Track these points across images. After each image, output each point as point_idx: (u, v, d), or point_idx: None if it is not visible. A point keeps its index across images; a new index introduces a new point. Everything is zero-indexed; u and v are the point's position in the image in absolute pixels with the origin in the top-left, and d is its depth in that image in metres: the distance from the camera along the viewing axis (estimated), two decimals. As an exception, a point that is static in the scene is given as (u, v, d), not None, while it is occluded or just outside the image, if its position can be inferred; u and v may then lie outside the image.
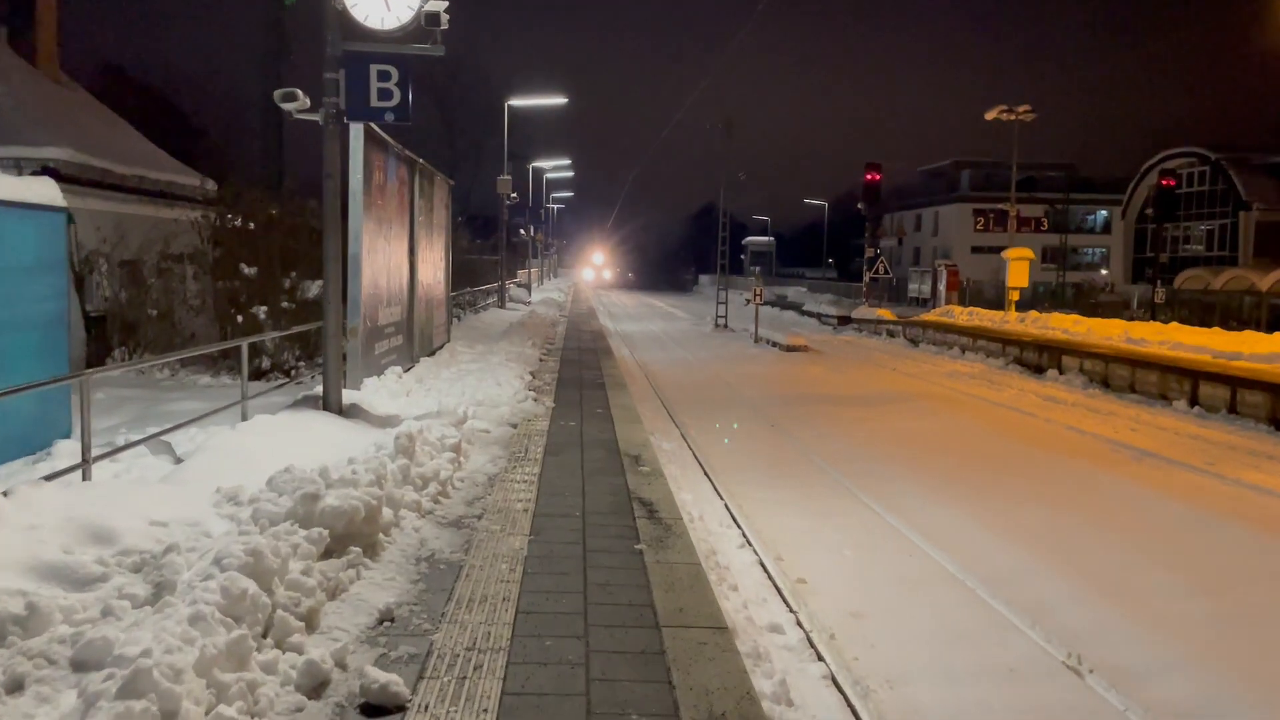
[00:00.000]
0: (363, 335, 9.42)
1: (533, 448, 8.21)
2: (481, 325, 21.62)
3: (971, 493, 10.53)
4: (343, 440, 6.77)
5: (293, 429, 6.80)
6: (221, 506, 4.88)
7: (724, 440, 13.37)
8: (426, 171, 13.78)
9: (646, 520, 6.03)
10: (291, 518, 4.51)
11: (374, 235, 10.07)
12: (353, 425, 7.50)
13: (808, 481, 11.07)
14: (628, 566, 5.07)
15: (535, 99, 28.59)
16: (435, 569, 4.87)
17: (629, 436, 9.22)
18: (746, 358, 25.42)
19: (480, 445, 8.02)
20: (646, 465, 7.86)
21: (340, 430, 7.18)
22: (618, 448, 8.52)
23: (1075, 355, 19.82)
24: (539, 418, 9.89)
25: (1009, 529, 9.17)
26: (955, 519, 9.47)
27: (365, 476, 5.26)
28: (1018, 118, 29.70)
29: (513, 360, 13.43)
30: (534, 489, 6.60)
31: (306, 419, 7.27)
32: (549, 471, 7.20)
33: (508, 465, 7.41)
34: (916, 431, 14.46)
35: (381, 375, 9.77)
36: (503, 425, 9.00)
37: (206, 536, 4.35)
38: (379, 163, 10.28)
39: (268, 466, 5.43)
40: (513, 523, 5.76)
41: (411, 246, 12.56)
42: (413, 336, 12.72)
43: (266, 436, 6.41)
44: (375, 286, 10.17)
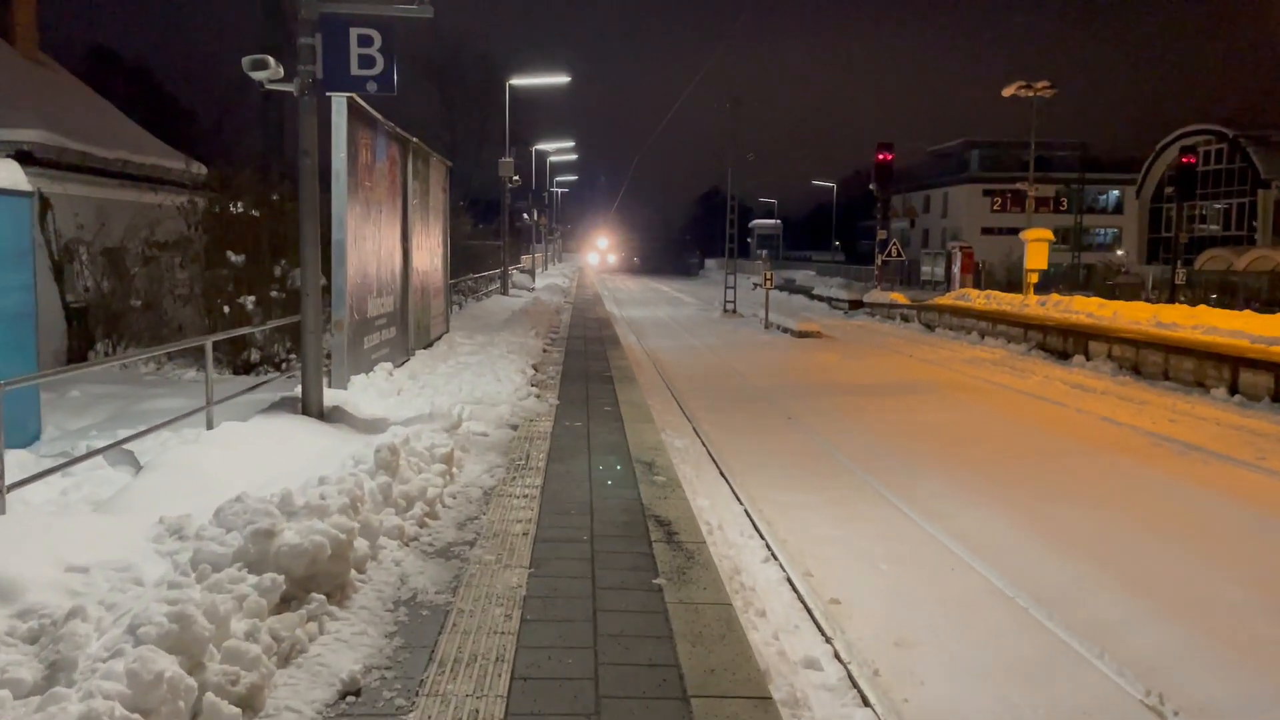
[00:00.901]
0: (349, 329, 8.64)
1: (535, 454, 7.43)
2: (483, 313, 20.83)
3: (1009, 493, 9.75)
4: (320, 451, 6.01)
5: (264, 438, 6.04)
6: (163, 542, 4.11)
7: (739, 436, 12.59)
8: (421, 151, 12.95)
9: (665, 545, 5.25)
10: (240, 560, 3.74)
11: (361, 220, 9.28)
12: (334, 432, 6.73)
13: (831, 481, 10.30)
14: (646, 609, 4.30)
15: (537, 78, 27.69)
16: (416, 616, 4.09)
17: (640, 439, 8.44)
18: (757, 344, 24.62)
19: (476, 452, 7.25)
20: (661, 474, 7.08)
21: (319, 438, 6.41)
22: (628, 452, 7.74)
23: (1103, 340, 18.98)
24: (542, 417, 9.11)
25: (1056, 536, 8.38)
26: (995, 524, 8.69)
27: (337, 500, 4.49)
28: (1036, 94, 28.72)
29: (514, 352, 12.63)
30: (535, 506, 5.82)
31: (281, 425, 6.50)
32: (553, 483, 6.42)
33: (506, 476, 6.63)
34: (941, 423, 13.67)
35: (371, 372, 8.99)
36: (502, 427, 8.23)
37: (136, 585, 3.59)
38: (366, 141, 9.48)
39: (227, 487, 4.66)
40: (510, 550, 4.98)
41: (405, 232, 11.76)
42: (407, 328, 11.94)
43: (231, 449, 5.65)
44: (363, 275, 9.39)
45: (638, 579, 4.74)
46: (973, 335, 24.67)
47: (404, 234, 11.72)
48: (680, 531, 5.48)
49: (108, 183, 16.26)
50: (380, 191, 10.24)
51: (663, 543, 5.27)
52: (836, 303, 38.11)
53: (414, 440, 5.99)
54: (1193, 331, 18.27)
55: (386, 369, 9.15)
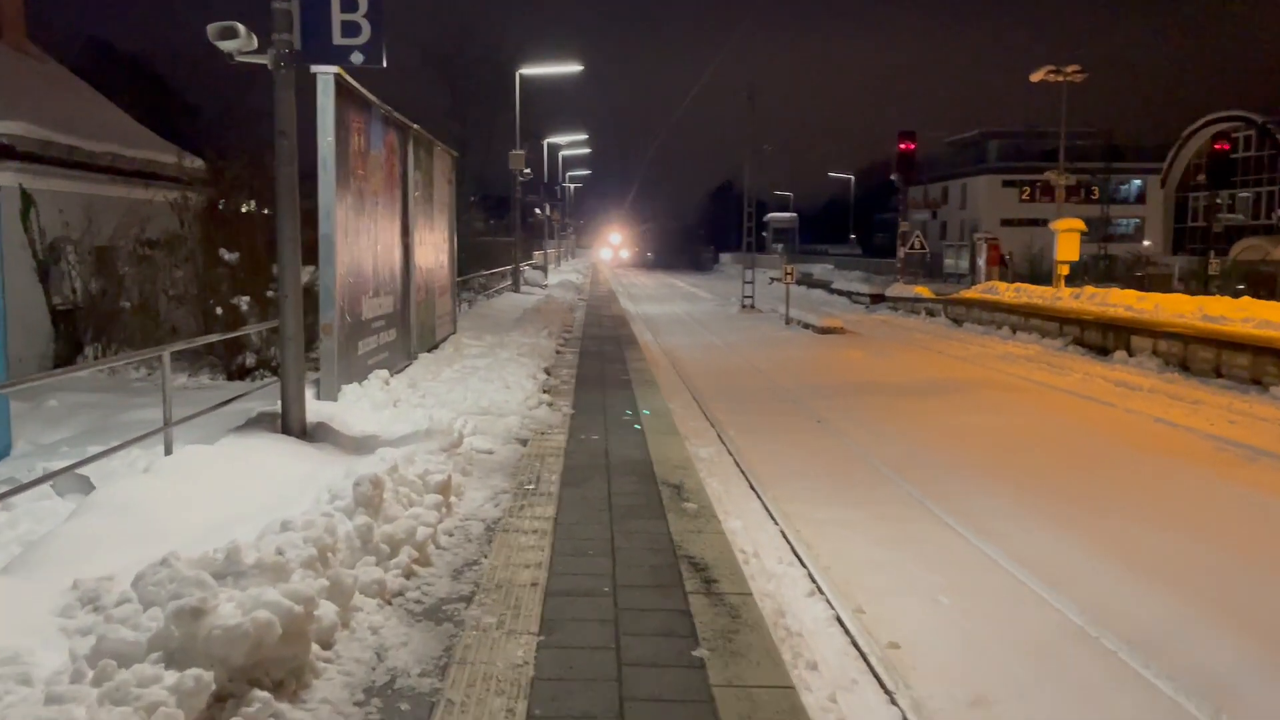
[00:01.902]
0: (339, 333, 7.78)
1: (546, 475, 6.54)
2: (493, 312, 19.96)
3: (1071, 508, 8.82)
4: (295, 479, 5.15)
5: (229, 465, 5.19)
6: (73, 616, 3.25)
7: (767, 442, 11.68)
8: (423, 140, 12.07)
9: (703, 598, 4.34)
10: (159, 649, 2.88)
11: (354, 212, 8.41)
12: (315, 454, 5.86)
13: (872, 494, 9.39)
14: (686, 696, 3.38)
15: (548, 67, 26.80)
16: (392, 711, 3.18)
17: (665, 454, 7.53)
18: (779, 341, 23.68)
19: (480, 474, 6.37)
20: (691, 499, 6.17)
21: (296, 462, 5.55)
22: (653, 472, 6.84)
23: (1147, 335, 17.96)
24: (555, 430, 8.21)
25: (1134, 561, 7.44)
26: (1062, 546, 7.76)
27: (301, 553, 3.63)
28: (1066, 79, 27.61)
29: (525, 355, 11.75)
30: (547, 545, 4.90)
31: (254, 447, 5.65)
32: (567, 513, 5.53)
33: (513, 504, 5.75)
34: (983, 427, 12.72)
35: (365, 381, 8.12)
36: (510, 442, 7.36)
37: (23, 686, 2.73)
38: (358, 125, 8.60)
39: (173, 532, 3.80)
40: (515, 609, 4.07)
41: (405, 226, 10.89)
42: (409, 330, 11.08)
43: (189, 480, 4.80)
44: (357, 274, 8.53)
45: (673, 650, 3.83)
46: (1004, 330, 23.67)
47: (404, 228, 10.85)
48: (720, 578, 4.58)
49: (97, 178, 15.48)
50: (376, 182, 9.37)
51: (700, 594, 4.37)
52: (857, 297, 37.11)
53: (404, 467, 5.11)
54: (1243, 325, 17.23)
55: (382, 377, 8.28)
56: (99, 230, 14.78)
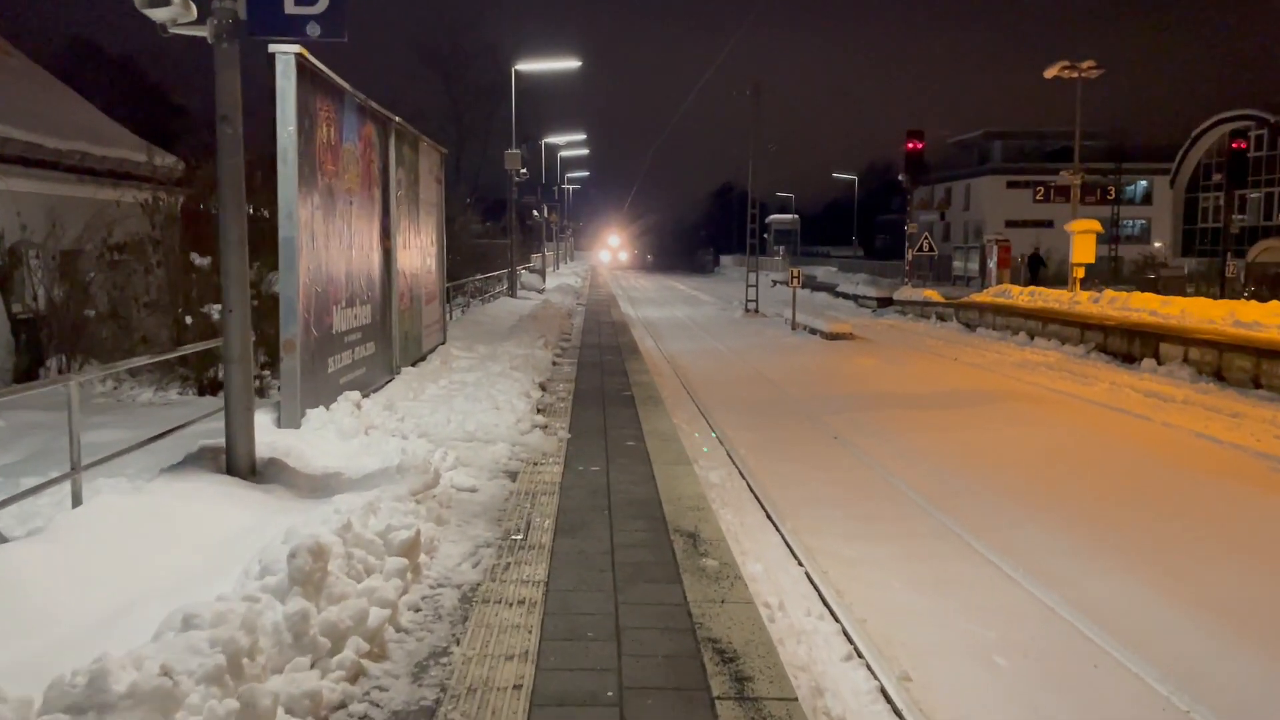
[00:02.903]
0: (304, 349, 6.83)
1: (538, 521, 5.57)
2: (487, 319, 18.98)
3: (1129, 542, 7.88)
4: (229, 539, 4.21)
5: (152, 521, 4.24)
6: None
7: (781, 462, 10.74)
8: (406, 134, 11.12)
9: (734, 705, 3.36)
10: None
11: (322, 212, 7.47)
12: (262, 500, 4.91)
13: (903, 526, 8.45)
14: None
15: (545, 63, 25.85)
16: None
17: (676, 489, 6.56)
18: (786, 348, 22.73)
19: (459, 521, 5.41)
20: (711, 553, 5.18)
21: (235, 514, 4.60)
22: (662, 513, 5.87)
23: (1177, 342, 17.01)
24: (549, 459, 7.24)
25: (1215, 609, 6.50)
26: (1129, 590, 6.82)
27: (204, 662, 2.69)
28: (1081, 75, 26.67)
29: (519, 367, 10.79)
30: (536, 623, 3.90)
31: (186, 494, 4.70)
32: (561, 575, 4.55)
33: (497, 562, 4.77)
34: (1013, 444, 11.78)
35: (334, 404, 7.16)
36: (497, 477, 6.40)
37: None
38: (327, 114, 7.65)
39: (48, 624, 2.85)
40: (492, 731, 3.10)
41: (386, 228, 9.94)
42: (390, 342, 10.12)
43: (92, 543, 3.85)
44: (325, 281, 7.58)
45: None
46: (1020, 336, 22.73)
47: (384, 230, 9.90)
48: (755, 674, 3.60)
49: (65, 178, 14.52)
50: (350, 178, 8.42)
51: (731, 700, 3.37)
52: (863, 300, 36.16)
53: (362, 522, 4.15)
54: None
55: (353, 400, 7.30)
56: (64, 233, 13.82)
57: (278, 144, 6.60)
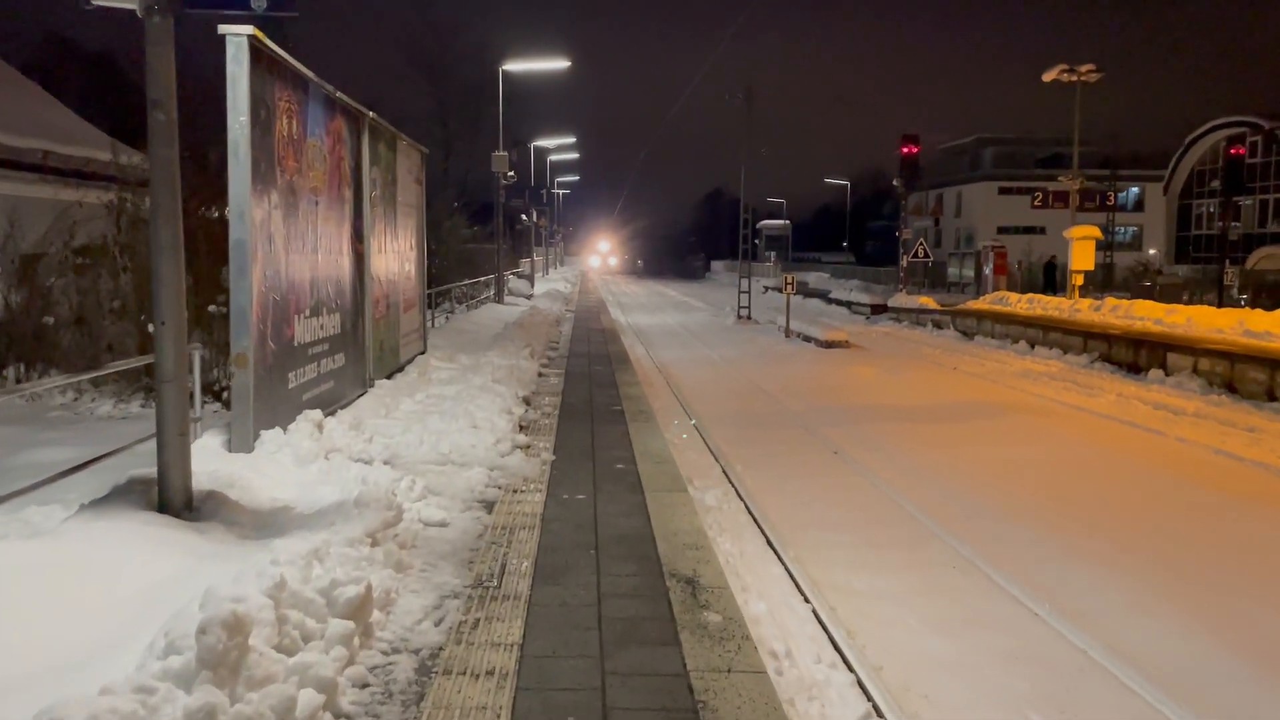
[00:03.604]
0: (259, 363, 6.15)
1: (514, 563, 4.86)
2: (471, 327, 18.27)
3: (1166, 576, 7.26)
4: (144, 597, 3.53)
5: (55, 571, 3.55)
6: None
7: (780, 480, 10.10)
8: (383, 131, 10.44)
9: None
10: None
11: (281, 212, 6.79)
12: (193, 545, 4.21)
13: (915, 554, 7.82)
14: None
15: (533, 63, 25.20)
16: None
17: (671, 523, 5.86)
18: (781, 356, 22.10)
19: (424, 565, 4.72)
20: (714, 606, 4.44)
21: (159, 562, 3.90)
22: (656, 553, 5.16)
23: (1186, 352, 16.44)
24: (530, 486, 6.53)
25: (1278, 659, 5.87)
26: (1172, 634, 6.20)
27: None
28: (1080, 78, 26.17)
29: (502, 380, 10.11)
30: (506, 701, 3.14)
31: (103, 537, 4.01)
32: (539, 637, 3.84)
33: (464, 618, 4.04)
34: (1025, 462, 11.17)
35: (292, 424, 6.46)
36: (471, 507, 5.73)
37: None
38: (288, 105, 6.97)
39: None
40: None
41: (358, 231, 9.26)
42: (363, 353, 9.43)
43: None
44: (286, 288, 6.90)
45: None
46: (1020, 344, 22.15)
47: (356, 233, 9.21)
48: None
49: (25, 177, 13.82)
50: (316, 176, 7.74)
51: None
52: (857, 307, 35.61)
53: (303, 577, 3.46)
54: (1294, 342, 15.75)
55: (313, 420, 6.60)
56: (24, 236, 13.11)
57: (228, 136, 5.93)
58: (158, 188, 4.59)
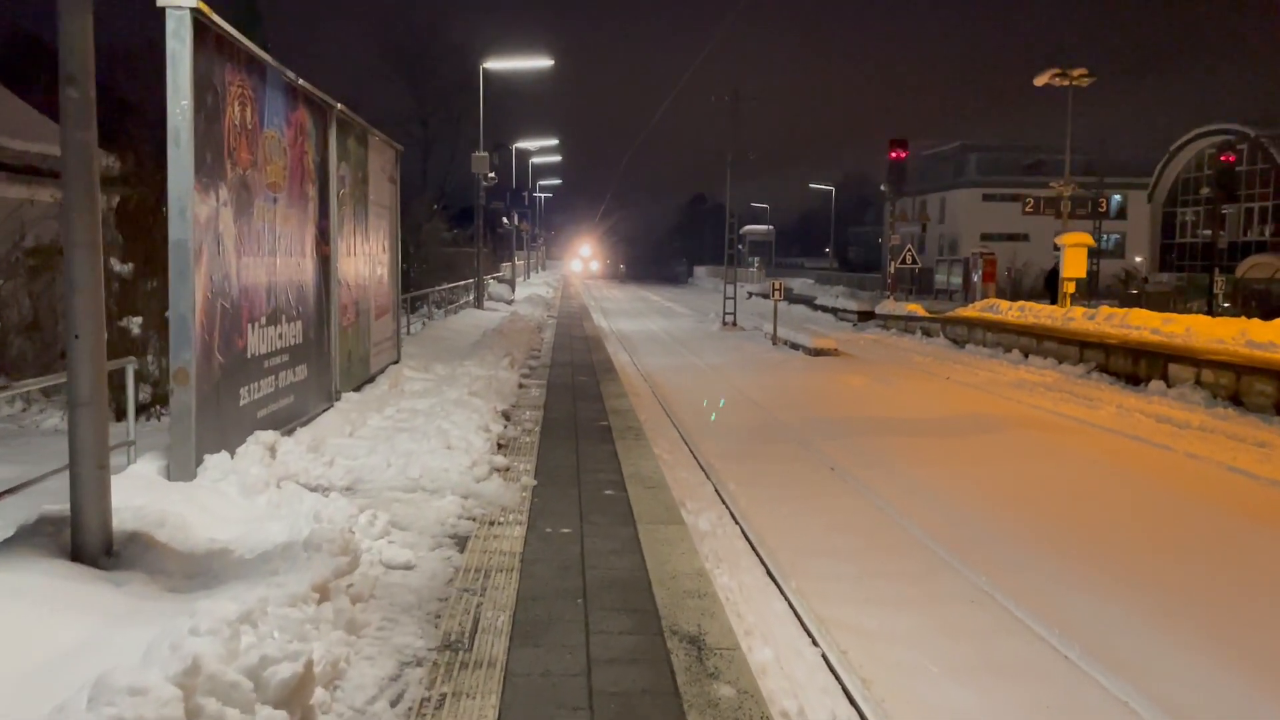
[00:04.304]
0: (203, 379, 5.45)
1: (489, 617, 4.14)
2: (449, 334, 17.54)
3: (1201, 612, 6.71)
4: (40, 674, 2.84)
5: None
6: None
7: (777, 502, 9.47)
8: (352, 125, 9.74)
9: None
10: None
11: (233, 209, 6.10)
12: (108, 601, 3.50)
13: (928, 587, 7.22)
14: None
15: (515, 61, 24.51)
16: None
17: (669, 562, 5.14)
18: (769, 364, 21.50)
19: (382, 621, 4.02)
20: (724, 672, 3.71)
21: (63, 627, 3.20)
22: (653, 603, 4.45)
23: (1188, 363, 15.95)
24: (508, 517, 5.81)
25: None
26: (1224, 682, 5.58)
27: None
28: (1072, 83, 25.75)
29: (479, 392, 9.42)
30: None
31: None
32: (516, 717, 3.19)
33: (426, 696, 3.31)
34: (1033, 481, 10.60)
35: (242, 447, 5.76)
36: (441, 545, 5.05)
37: None
38: (242, 91, 6.28)
39: None
40: None
41: (324, 231, 8.56)
42: (328, 364, 8.72)
43: None
44: (238, 294, 6.21)
45: None
46: (1013, 353, 21.64)
47: (322, 234, 8.51)
48: None
49: (-27, 174, 13.00)
50: (275, 171, 7.05)
51: None
52: (843, 314, 35.09)
53: (221, 659, 2.78)
54: (1300, 353, 15.28)
55: (265, 443, 5.88)
56: (-31, 236, 12.30)
57: (168, 123, 5.25)
58: (71, 176, 3.92)
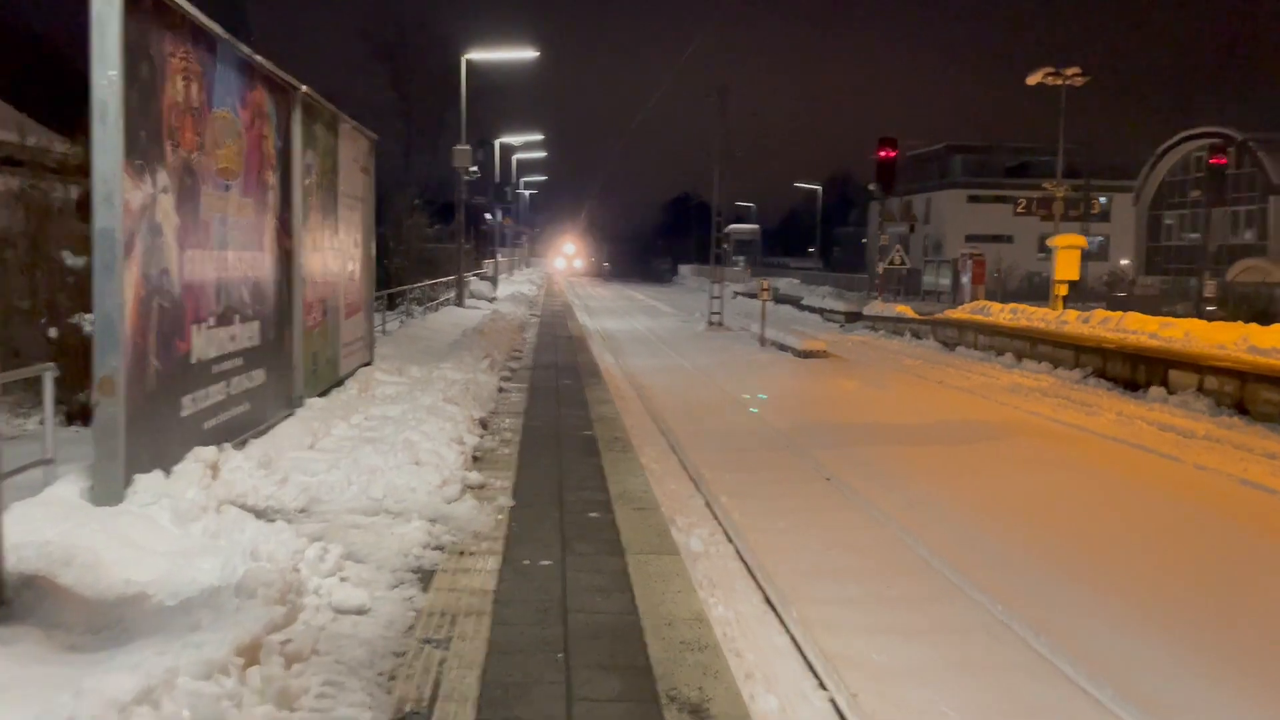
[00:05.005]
0: (135, 388, 4.80)
1: (451, 680, 3.43)
2: (426, 333, 16.84)
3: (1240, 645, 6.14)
4: None
5: None
6: None
7: (773, 516, 8.88)
8: (320, 110, 9.07)
9: None
10: None
11: (174, 196, 5.45)
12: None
13: (940, 615, 6.66)
14: None
15: (499, 52, 23.79)
16: None
17: (664, 603, 4.44)
18: (757, 366, 20.92)
19: (323, 685, 3.30)
20: None
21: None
22: (646, 659, 3.75)
23: (1190, 369, 15.49)
24: (481, 545, 5.11)
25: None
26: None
27: None
28: (1065, 82, 25.32)
29: (456, 398, 8.76)
30: None
31: None
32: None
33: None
34: (1040, 494, 10.09)
35: (179, 466, 5.09)
36: (402, 582, 4.41)
37: None
38: (185, 64, 5.62)
39: None
40: None
41: (285, 224, 7.90)
42: (290, 368, 8.05)
43: None
44: (183, 291, 5.55)
45: None
46: (1006, 357, 21.14)
47: (284, 226, 7.84)
48: None
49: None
50: (227, 156, 6.39)
51: None
52: (830, 314, 34.59)
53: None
54: (1306, 359, 14.83)
55: (206, 460, 5.19)
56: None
57: (92, 95, 4.59)
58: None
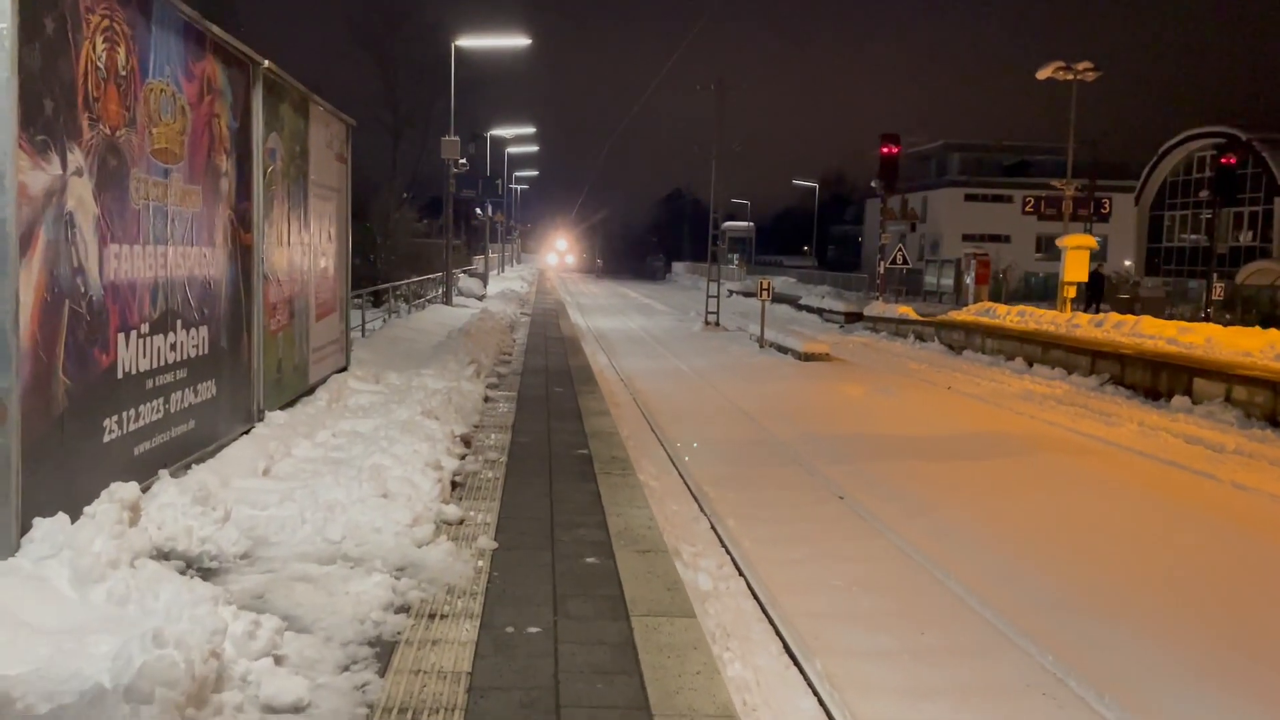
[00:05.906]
0: (34, 413, 3.92)
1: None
2: (410, 334, 15.91)
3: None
4: None
5: None
6: None
7: (784, 543, 8.05)
8: (286, 89, 8.14)
9: None
10: None
11: (93, 179, 4.56)
12: None
13: (990, 671, 5.85)
14: None
15: (490, 39, 22.88)
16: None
17: (680, 691, 3.37)
18: (757, 370, 20.06)
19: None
20: None
21: None
22: None
23: (1217, 378, 14.68)
24: (456, 605, 4.16)
25: None
26: None
27: None
28: (1077, 77, 24.51)
29: (436, 411, 7.84)
30: None
31: None
32: None
33: None
34: (1073, 517, 9.26)
35: (90, 507, 4.17)
36: (353, 662, 3.49)
37: None
38: (109, 23, 4.72)
39: None
40: None
41: (243, 215, 6.98)
42: (248, 378, 7.14)
43: None
44: (105, 294, 4.66)
45: None
46: (1015, 362, 20.32)
47: (241, 219, 6.93)
48: None
49: None
50: (167, 136, 5.49)
51: None
52: (829, 315, 33.75)
53: None
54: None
55: (123, 500, 4.25)
56: None
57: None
58: None
